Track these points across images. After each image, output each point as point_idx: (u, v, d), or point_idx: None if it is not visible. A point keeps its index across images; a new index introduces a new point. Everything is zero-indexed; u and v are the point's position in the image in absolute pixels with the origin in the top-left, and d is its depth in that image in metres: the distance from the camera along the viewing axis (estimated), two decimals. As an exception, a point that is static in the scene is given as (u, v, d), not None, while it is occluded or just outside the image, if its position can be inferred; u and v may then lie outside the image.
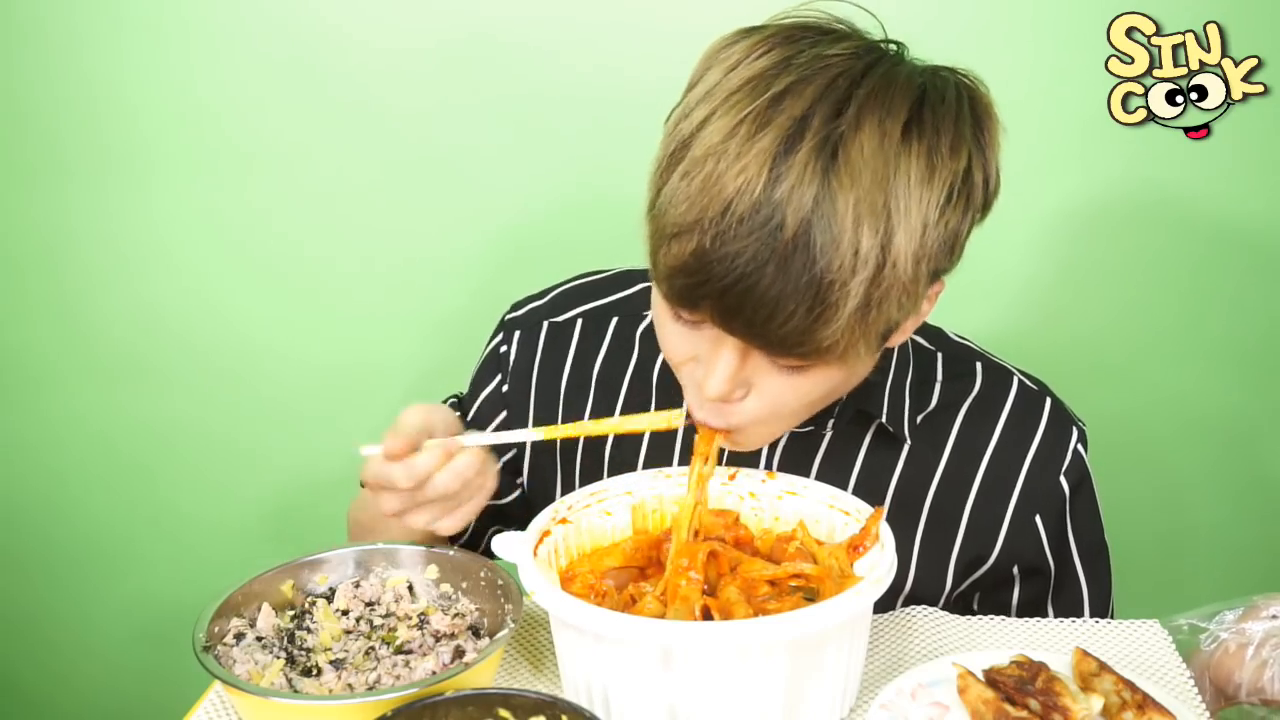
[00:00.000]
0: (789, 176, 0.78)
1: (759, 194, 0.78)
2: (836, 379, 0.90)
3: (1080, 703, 0.79)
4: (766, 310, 0.80)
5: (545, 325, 1.15)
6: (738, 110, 0.81)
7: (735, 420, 0.92)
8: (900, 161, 0.80)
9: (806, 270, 0.78)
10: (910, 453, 1.06)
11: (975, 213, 0.87)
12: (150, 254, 1.64)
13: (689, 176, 0.81)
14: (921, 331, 1.12)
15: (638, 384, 1.12)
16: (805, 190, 0.78)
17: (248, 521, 1.76)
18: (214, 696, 0.90)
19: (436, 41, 1.51)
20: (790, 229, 0.78)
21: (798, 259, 0.78)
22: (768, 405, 0.91)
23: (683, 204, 0.81)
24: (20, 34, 1.55)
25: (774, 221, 0.78)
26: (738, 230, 0.79)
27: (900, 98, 0.82)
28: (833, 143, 0.79)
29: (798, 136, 0.79)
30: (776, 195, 0.78)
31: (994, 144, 0.88)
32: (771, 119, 0.80)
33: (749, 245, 0.79)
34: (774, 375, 0.88)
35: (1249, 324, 1.56)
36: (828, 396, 0.94)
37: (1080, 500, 1.08)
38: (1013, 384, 1.09)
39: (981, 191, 0.87)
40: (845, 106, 0.80)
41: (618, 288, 1.17)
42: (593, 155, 1.53)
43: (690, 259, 0.81)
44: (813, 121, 0.79)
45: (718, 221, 0.79)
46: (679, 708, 0.79)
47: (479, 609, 0.93)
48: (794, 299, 0.79)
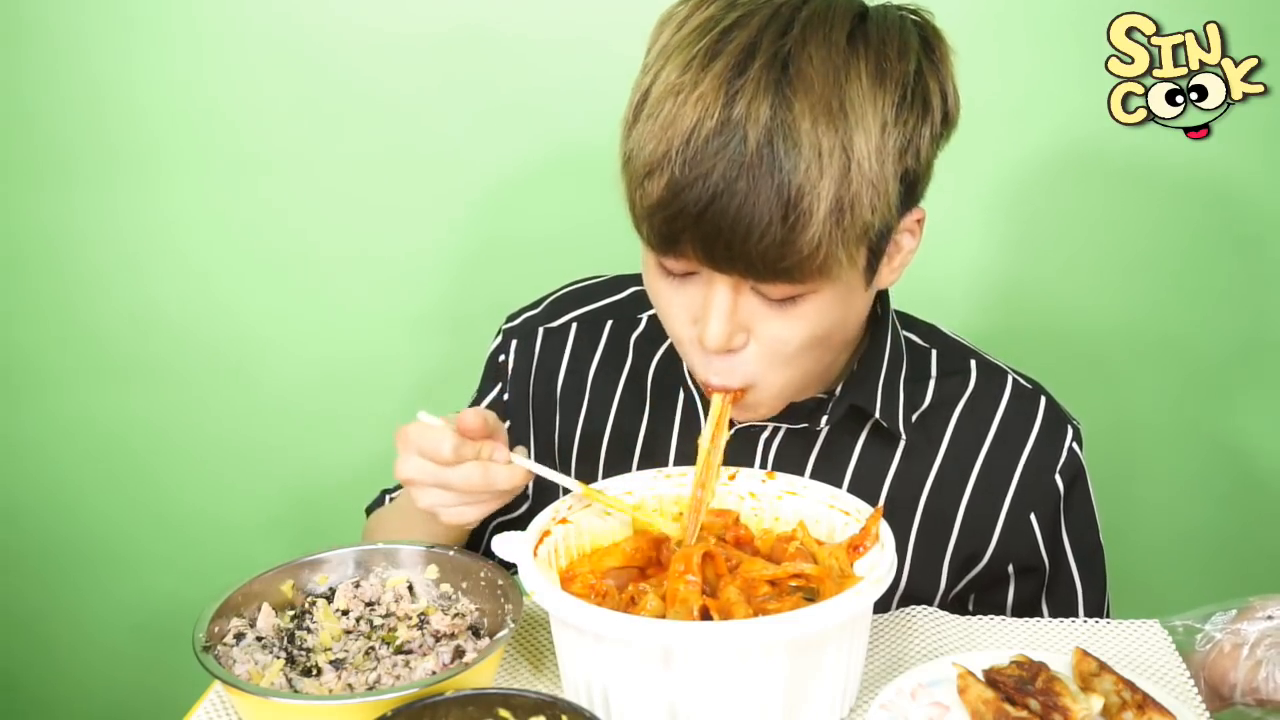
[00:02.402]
0: (744, 94, 0.82)
1: (718, 116, 0.82)
2: (831, 311, 0.92)
3: (1080, 703, 0.79)
4: (743, 227, 0.82)
5: (540, 332, 1.16)
6: (688, 51, 0.85)
7: (742, 373, 0.93)
8: (850, 66, 0.84)
9: (774, 179, 0.81)
10: (905, 451, 1.06)
11: (935, 124, 0.89)
12: (154, 253, 1.64)
13: (652, 118, 0.85)
14: (916, 328, 1.12)
15: (632, 387, 1.12)
16: (761, 104, 0.82)
17: (249, 521, 1.76)
18: (214, 696, 0.90)
19: (447, 40, 1.51)
20: (753, 142, 0.81)
21: (764, 170, 0.81)
22: (769, 349, 0.92)
23: (649, 143, 0.85)
24: (26, 33, 1.55)
25: (736, 138, 0.82)
26: (703, 153, 0.82)
27: (842, 14, 0.86)
28: (781, 58, 0.83)
29: (748, 59, 0.83)
30: (735, 114, 0.82)
31: (945, 62, 0.91)
32: (721, 50, 0.84)
33: (716, 165, 0.82)
34: (769, 315, 0.90)
35: (1248, 323, 1.56)
36: (828, 337, 0.95)
37: (1075, 498, 1.08)
38: (1007, 383, 1.09)
39: (939, 101, 0.89)
40: (790, 27, 0.84)
41: (611, 292, 1.17)
42: (598, 156, 1.53)
43: (664, 192, 0.84)
44: (761, 44, 0.84)
45: (683, 150, 0.83)
46: (679, 708, 0.80)
47: (479, 609, 0.93)
48: (767, 209, 0.82)
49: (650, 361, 1.12)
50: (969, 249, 1.55)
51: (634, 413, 1.12)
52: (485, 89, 1.53)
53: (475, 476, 0.91)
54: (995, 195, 1.52)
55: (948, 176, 0.96)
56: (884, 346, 1.05)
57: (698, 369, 0.96)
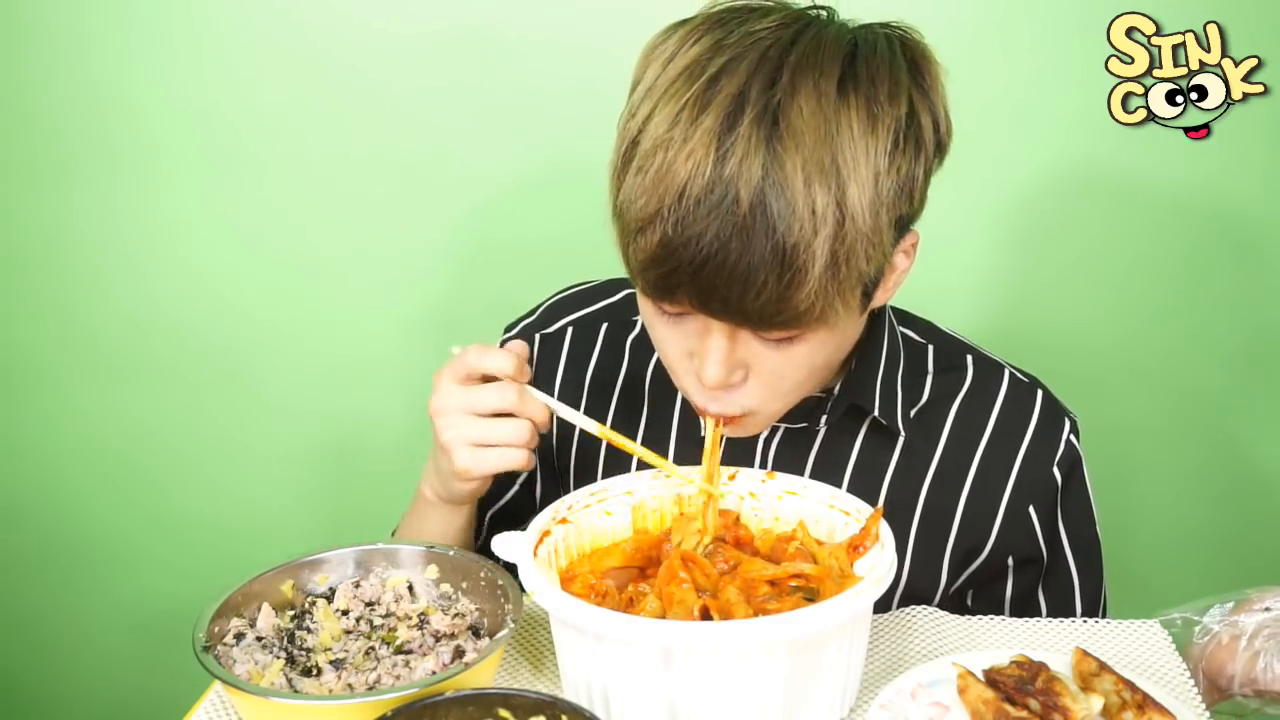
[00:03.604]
0: (735, 151, 0.80)
1: (710, 174, 0.80)
2: (828, 344, 0.92)
3: (1080, 703, 0.79)
4: (739, 285, 0.82)
5: (537, 339, 1.16)
6: (678, 98, 0.83)
7: (741, 404, 0.93)
8: (840, 117, 0.82)
9: (769, 239, 0.80)
10: (904, 447, 1.06)
11: (928, 157, 0.88)
12: (154, 253, 1.64)
13: (642, 171, 0.83)
14: (912, 324, 1.12)
15: (629, 389, 1.12)
16: (753, 162, 0.80)
17: (248, 521, 1.76)
18: (214, 696, 0.90)
19: (446, 40, 1.51)
20: (745, 202, 0.80)
21: (758, 229, 0.80)
22: (768, 384, 0.92)
23: (640, 199, 0.83)
24: (26, 33, 1.55)
25: (729, 198, 0.80)
26: (696, 213, 0.81)
27: (831, 57, 0.84)
28: (771, 111, 0.81)
29: (738, 112, 0.81)
30: (726, 172, 0.80)
31: (936, 86, 0.89)
32: (711, 100, 0.82)
33: (710, 225, 0.81)
34: (766, 352, 0.90)
35: (1248, 324, 1.56)
36: (827, 364, 0.95)
37: (1072, 490, 1.08)
38: (1004, 377, 1.09)
39: (932, 134, 0.88)
40: (779, 75, 0.82)
41: (605, 295, 1.18)
42: (597, 157, 1.53)
43: (658, 249, 0.83)
44: (750, 95, 0.82)
45: (675, 208, 0.81)
46: (679, 708, 0.80)
47: (479, 609, 0.93)
48: (762, 269, 0.81)
49: (647, 364, 1.12)
50: (969, 251, 1.55)
51: (631, 415, 1.12)
52: (484, 90, 1.53)
53: (509, 393, 0.92)
54: (995, 196, 1.52)
55: (947, 178, 0.96)
56: (881, 343, 1.05)
57: (697, 399, 0.95)
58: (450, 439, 0.94)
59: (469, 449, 0.94)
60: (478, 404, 0.93)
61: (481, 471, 0.95)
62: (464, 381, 0.94)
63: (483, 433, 0.94)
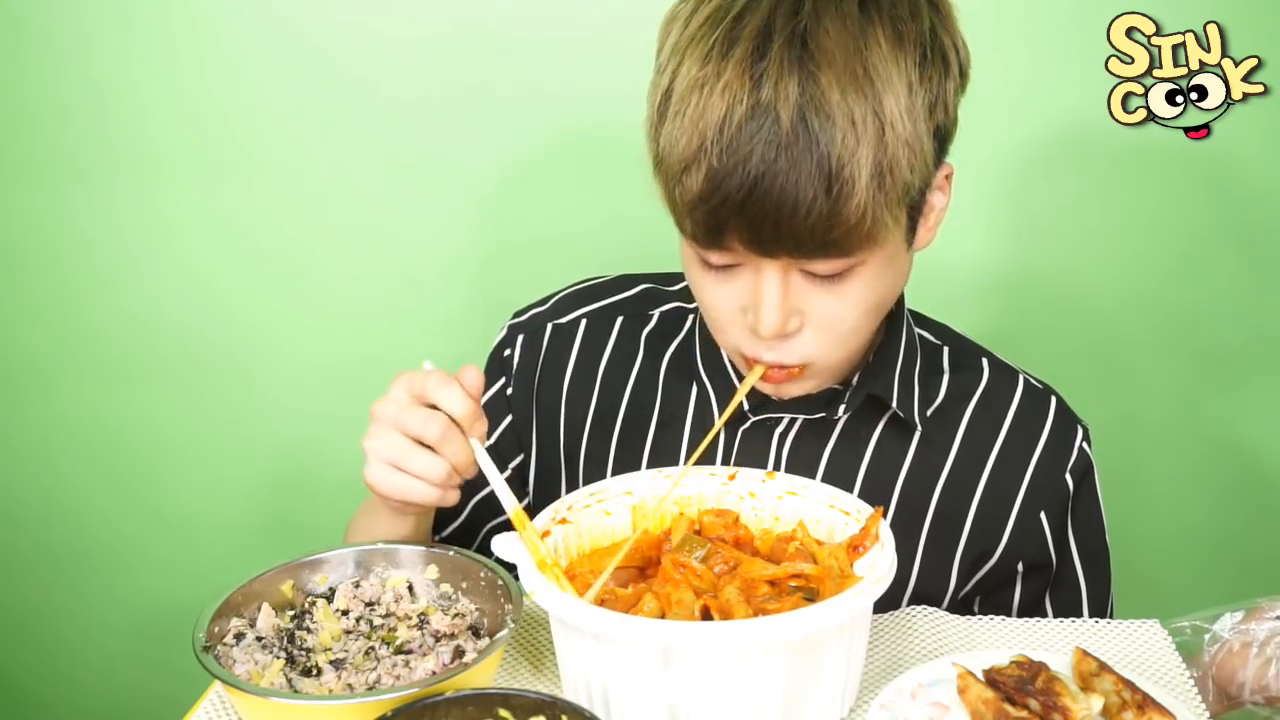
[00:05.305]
0: (770, 76, 0.82)
1: (748, 101, 0.83)
2: (880, 279, 0.92)
3: (1080, 703, 0.79)
4: (789, 206, 0.83)
5: (549, 328, 1.16)
6: (704, 43, 0.85)
7: (799, 352, 0.94)
8: (867, 34, 0.84)
9: (813, 154, 0.82)
10: (919, 446, 1.06)
11: (955, 78, 0.90)
12: (154, 253, 1.64)
13: (679, 114, 0.85)
14: (928, 326, 1.13)
15: (644, 381, 1.12)
16: (788, 83, 0.82)
17: (248, 521, 1.76)
18: (214, 696, 0.90)
19: (447, 42, 1.51)
20: (786, 122, 0.82)
21: (802, 146, 0.82)
22: (825, 328, 0.93)
23: (681, 139, 0.85)
24: (26, 33, 1.54)
25: (769, 120, 0.82)
26: (738, 139, 0.83)
27: None
28: (800, 36, 0.83)
29: (766, 41, 0.83)
30: (764, 96, 0.82)
31: (951, 16, 0.92)
32: (738, 37, 0.84)
33: (755, 149, 0.82)
34: (820, 294, 0.91)
35: (1248, 323, 1.56)
36: (880, 304, 0.96)
37: (1083, 497, 1.08)
38: (1019, 383, 1.10)
39: (954, 54, 0.90)
40: (801, 4, 0.85)
41: (619, 289, 1.17)
42: (600, 157, 1.54)
43: (704, 184, 0.84)
44: (775, 24, 0.84)
45: (718, 140, 0.83)
46: (679, 708, 0.79)
47: (479, 609, 0.93)
48: (810, 185, 0.82)
49: (663, 358, 1.12)
50: (969, 248, 1.55)
51: (645, 407, 1.12)
52: (486, 91, 1.53)
53: (433, 426, 0.89)
54: (995, 195, 1.52)
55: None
56: (899, 340, 1.06)
57: (747, 350, 0.95)
58: (369, 447, 0.91)
59: (381, 464, 0.91)
60: (407, 424, 0.90)
61: (385, 491, 0.92)
62: (412, 398, 0.91)
63: (401, 455, 0.90)
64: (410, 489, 0.91)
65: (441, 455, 0.90)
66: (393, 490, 0.92)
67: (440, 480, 0.91)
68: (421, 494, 0.91)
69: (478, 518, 1.16)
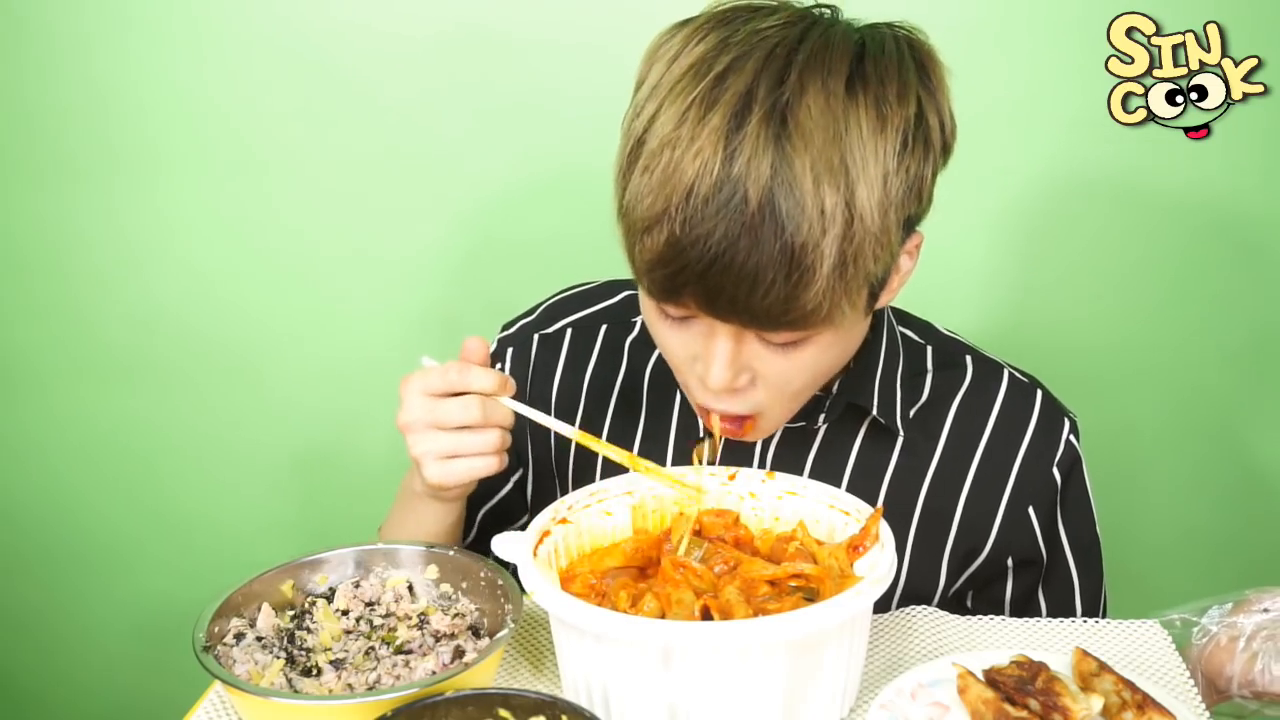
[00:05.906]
0: (744, 150, 0.79)
1: (718, 172, 0.80)
2: (834, 347, 0.92)
3: (1080, 703, 0.79)
4: (747, 285, 0.81)
5: (536, 339, 1.16)
6: (684, 97, 0.82)
7: (750, 403, 0.93)
8: (849, 116, 0.81)
9: (777, 238, 0.80)
10: (903, 447, 1.06)
11: (936, 158, 0.88)
12: (155, 253, 1.64)
13: (649, 170, 0.82)
14: (910, 324, 1.12)
15: (628, 391, 1.12)
16: (761, 161, 0.79)
17: (248, 521, 1.76)
18: (214, 696, 0.90)
19: (446, 41, 1.51)
20: (754, 201, 0.79)
21: (767, 228, 0.80)
22: (774, 388, 0.92)
23: (647, 197, 0.82)
24: (26, 33, 1.54)
25: (737, 196, 0.79)
26: (704, 212, 0.80)
27: (839, 56, 0.83)
28: (780, 110, 0.80)
29: (745, 110, 0.80)
30: (735, 171, 0.80)
31: (942, 88, 0.89)
32: (718, 99, 0.81)
33: (718, 224, 0.80)
34: (772, 357, 0.90)
35: (1249, 323, 1.55)
36: (832, 367, 0.95)
37: (1072, 490, 1.08)
38: (1003, 377, 1.09)
39: (939, 134, 0.88)
40: (787, 74, 0.82)
41: (605, 296, 1.17)
42: (597, 158, 1.53)
43: (665, 248, 0.82)
44: (758, 93, 0.81)
45: (683, 207, 0.81)
46: (679, 708, 0.79)
47: (479, 609, 0.93)
48: (771, 268, 0.80)
49: (646, 365, 1.12)
50: (970, 252, 1.55)
51: (630, 416, 1.12)
52: (484, 91, 1.53)
53: (472, 408, 0.92)
54: (995, 196, 1.52)
55: (947, 179, 0.96)
56: (880, 343, 1.05)
57: (698, 397, 0.95)
58: (420, 454, 0.94)
59: (438, 462, 0.94)
60: (443, 419, 0.93)
61: (454, 482, 0.95)
62: (432, 395, 0.93)
63: (451, 445, 0.93)
64: (474, 468, 0.94)
65: (485, 425, 0.93)
66: (460, 477, 0.94)
67: (495, 447, 0.94)
68: (483, 467, 0.95)
69: (487, 528, 1.16)
